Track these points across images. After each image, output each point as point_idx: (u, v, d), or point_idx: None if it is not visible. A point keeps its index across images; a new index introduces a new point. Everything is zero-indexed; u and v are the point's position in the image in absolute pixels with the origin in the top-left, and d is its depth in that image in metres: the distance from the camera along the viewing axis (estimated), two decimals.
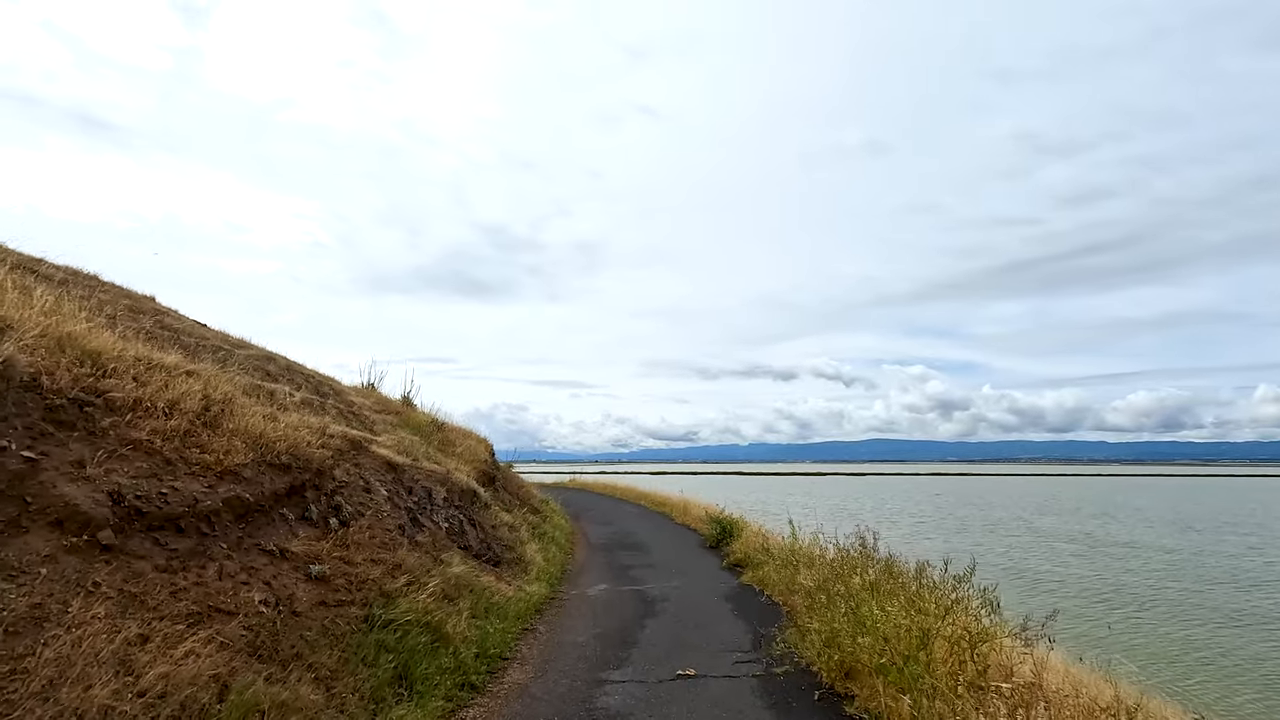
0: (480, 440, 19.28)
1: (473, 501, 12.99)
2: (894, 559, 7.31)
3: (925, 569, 6.65)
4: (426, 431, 16.34)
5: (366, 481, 9.07)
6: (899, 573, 6.86)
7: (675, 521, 20.28)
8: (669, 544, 15.71)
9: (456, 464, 14.75)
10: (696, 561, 13.23)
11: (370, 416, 14.88)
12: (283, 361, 13.37)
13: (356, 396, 16.59)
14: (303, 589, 5.84)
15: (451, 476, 12.81)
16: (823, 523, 11.32)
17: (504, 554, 11.89)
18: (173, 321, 11.10)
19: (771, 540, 13.12)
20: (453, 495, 11.91)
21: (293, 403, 10.24)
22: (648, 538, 16.83)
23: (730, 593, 10.03)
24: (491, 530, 12.58)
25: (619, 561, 13.41)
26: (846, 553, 8.15)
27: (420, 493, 10.82)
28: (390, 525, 8.33)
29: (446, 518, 10.91)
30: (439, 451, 15.21)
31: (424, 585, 7.21)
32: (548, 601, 9.98)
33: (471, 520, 11.92)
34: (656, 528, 19.01)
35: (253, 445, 6.61)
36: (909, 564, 7.14)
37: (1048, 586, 21.22)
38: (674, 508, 22.61)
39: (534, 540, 14.00)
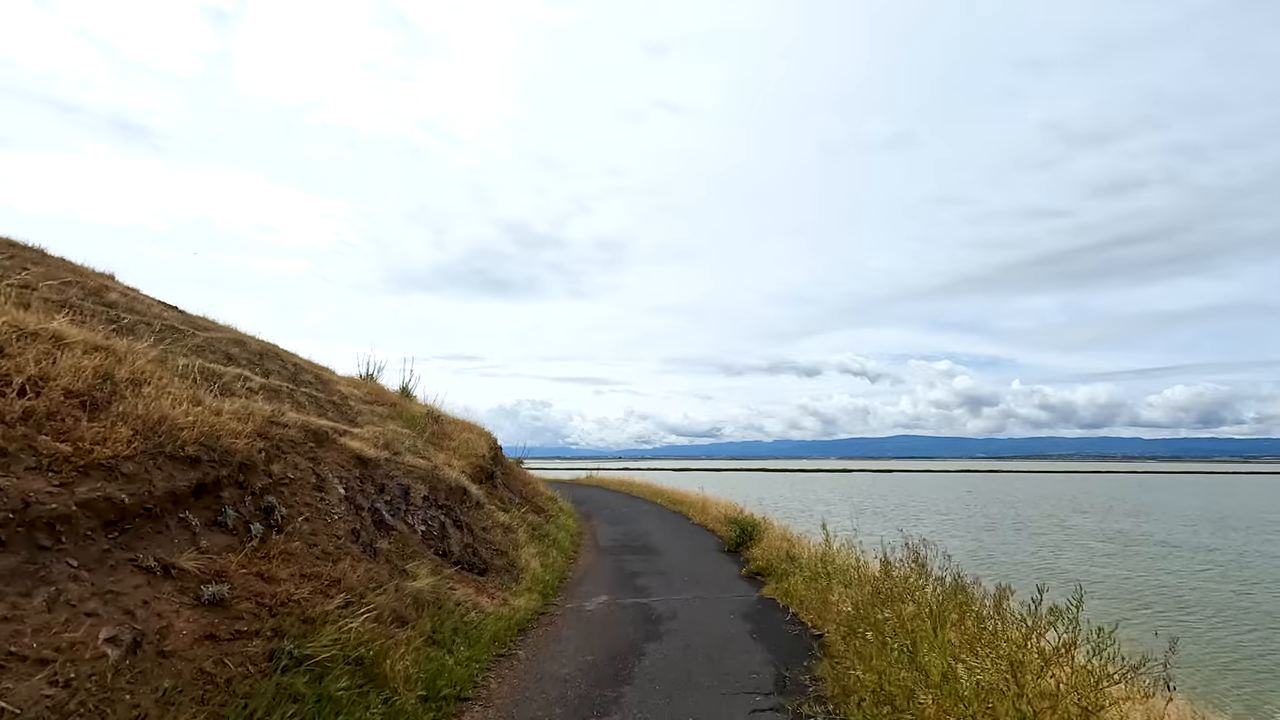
0: (482, 434, 17.98)
1: (462, 500, 11.65)
2: (961, 578, 5.75)
3: (1006, 595, 5.09)
4: (421, 424, 15.09)
5: (321, 478, 7.74)
6: (970, 598, 5.31)
7: (692, 522, 18.80)
8: (683, 547, 14.25)
9: (449, 459, 13.45)
10: (712, 568, 11.75)
11: (357, 407, 13.64)
12: (255, 346, 12.14)
13: (348, 387, 15.39)
14: (186, 618, 4.48)
15: (439, 473, 11.49)
16: (855, 524, 9.96)
17: (493, 560, 10.52)
18: (122, 299, 9.90)
19: (797, 545, 11.60)
20: (436, 494, 10.58)
21: (247, 388, 8.97)
22: (661, 540, 15.38)
23: (749, 609, 8.54)
24: (481, 533, 11.23)
25: (626, 568, 11.98)
26: (893, 567, 6.60)
27: (395, 491, 9.49)
28: (340, 530, 6.98)
29: (425, 519, 9.57)
30: (431, 445, 13.92)
31: (367, 605, 5.84)
32: (536, 618, 8.58)
33: (457, 522, 10.57)
34: (672, 529, 17.55)
35: (147, 433, 5.29)
36: (980, 584, 5.59)
37: (1070, 583, 20.51)
38: (691, 507, 21.13)
39: (532, 543, 12.64)
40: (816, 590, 7.76)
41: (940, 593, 5.53)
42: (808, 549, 10.85)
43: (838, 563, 8.19)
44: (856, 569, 7.58)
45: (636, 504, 24.34)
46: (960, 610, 5.00)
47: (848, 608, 6.20)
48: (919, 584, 5.91)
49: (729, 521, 14.44)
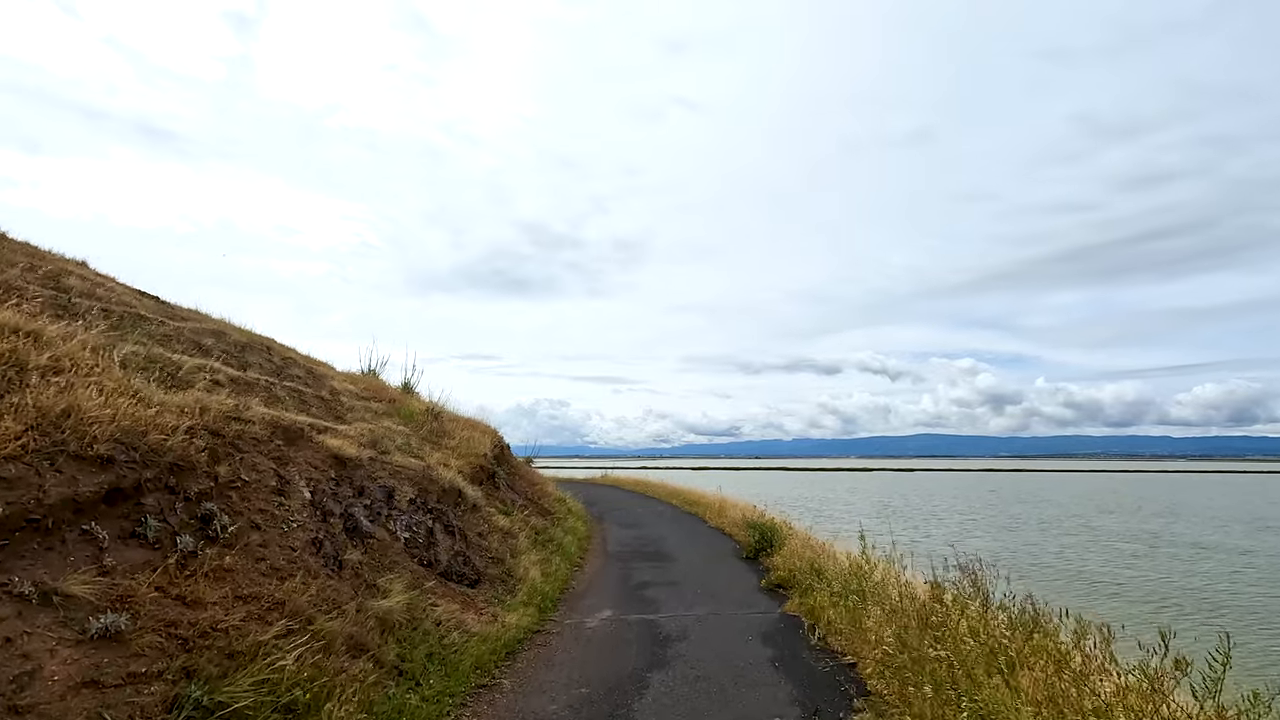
0: (486, 431, 17.11)
1: (456, 504, 10.76)
2: (1034, 607, 4.68)
3: (1086, 629, 4.03)
4: (419, 421, 14.24)
5: (285, 480, 6.86)
6: (1042, 630, 4.26)
7: (708, 525, 17.78)
8: (698, 553, 13.24)
9: (446, 458, 12.57)
10: (729, 579, 10.74)
11: (350, 404, 12.81)
12: (238, 337, 11.34)
13: (344, 383, 14.60)
14: (63, 659, 3.59)
15: (431, 473, 10.61)
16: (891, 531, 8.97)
17: (487, 569, 9.61)
18: (81, 285, 9.11)
19: (823, 554, 10.55)
20: (426, 496, 9.69)
21: (211, 380, 8.13)
22: (674, 545, 14.39)
23: (770, 630, 7.52)
24: (476, 539, 10.32)
25: (635, 577, 11.02)
26: (944, 590, 5.55)
27: (376, 494, 8.61)
28: (298, 540, 6.08)
29: (410, 525, 8.67)
30: (428, 444, 13.06)
31: (314, 632, 4.93)
32: (529, 637, 7.63)
33: (449, 527, 9.67)
34: (686, 532, 16.55)
35: (47, 428, 4.43)
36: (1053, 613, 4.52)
37: (1108, 590, 19.82)
38: (708, 508, 20.11)
39: (534, 549, 11.72)
40: (847, 610, 6.73)
41: (1006, 623, 4.49)
42: (835, 559, 9.80)
43: (874, 579, 7.14)
44: (897, 587, 6.53)
45: (651, 505, 23.37)
46: (1035, 650, 3.96)
47: (888, 639, 5.17)
48: (977, 613, 4.87)
49: (747, 526, 13.41)
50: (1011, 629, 4.33)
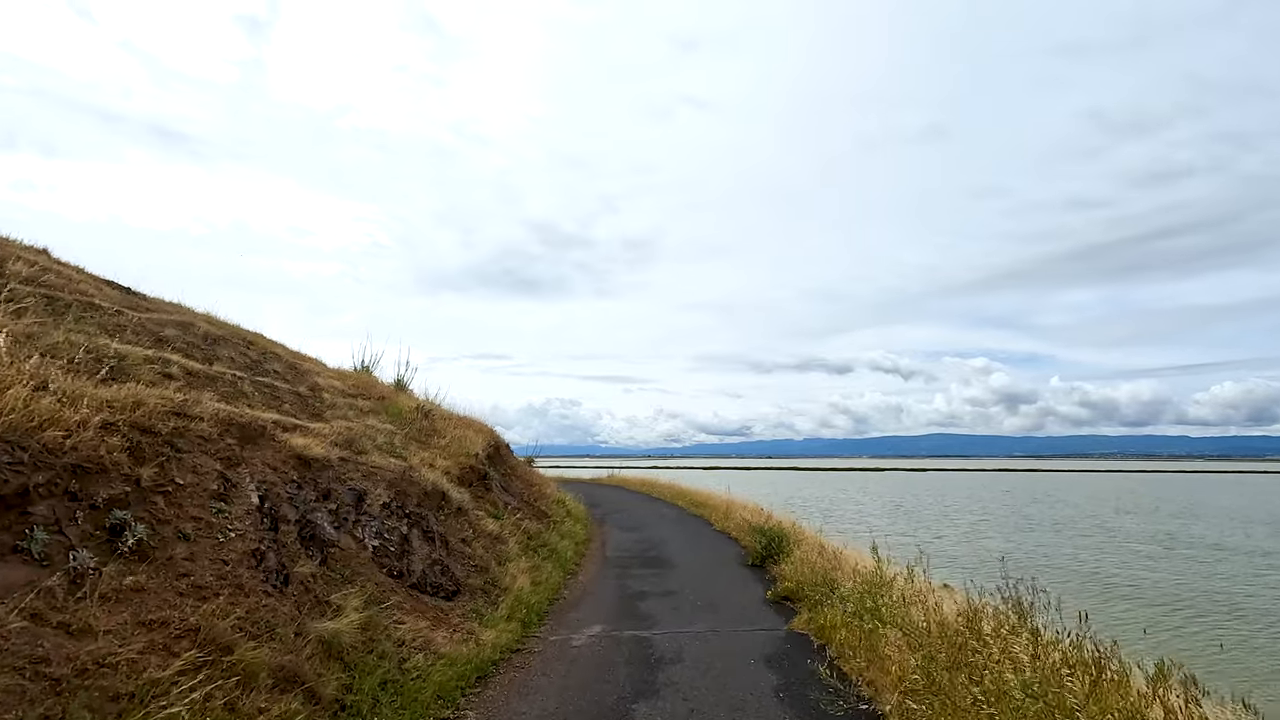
0: (482, 430, 16.40)
1: (439, 507, 10.02)
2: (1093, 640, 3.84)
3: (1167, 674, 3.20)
4: (408, 419, 13.53)
5: (231, 483, 6.13)
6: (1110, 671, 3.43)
7: (714, 528, 16.96)
8: (700, 560, 12.43)
9: (433, 458, 11.85)
10: (732, 588, 9.93)
11: (333, 401, 12.11)
12: (206, 330, 10.65)
13: (332, 379, 13.93)
14: None
15: (412, 475, 9.88)
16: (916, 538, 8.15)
17: (468, 579, 8.85)
18: (28, 270, 8.42)
19: (837, 561, 9.73)
20: (403, 500, 8.95)
21: (162, 373, 7.42)
22: (677, 549, 13.60)
23: (776, 651, 6.71)
24: (459, 546, 9.57)
25: (632, 586, 10.24)
26: (981, 616, 4.71)
27: (344, 497, 7.88)
28: (235, 552, 5.34)
29: (381, 531, 7.93)
30: (415, 443, 12.34)
31: (232, 664, 4.18)
32: (507, 658, 6.87)
33: (427, 533, 8.93)
34: (691, 536, 15.75)
35: None
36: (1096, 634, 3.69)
37: (1122, 592, 19.65)
38: (714, 510, 19.28)
39: (525, 556, 10.96)
40: (864, 632, 5.91)
41: (1061, 660, 3.66)
42: (850, 568, 8.98)
43: (894, 592, 6.31)
44: (922, 606, 5.70)
45: (656, 506, 22.58)
46: (1103, 702, 3.14)
47: (912, 671, 4.35)
48: (1025, 646, 4.04)
49: (754, 531, 12.58)
50: (1070, 667, 3.52)
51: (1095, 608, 19.71)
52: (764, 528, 12.27)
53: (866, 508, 49.35)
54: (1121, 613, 18.48)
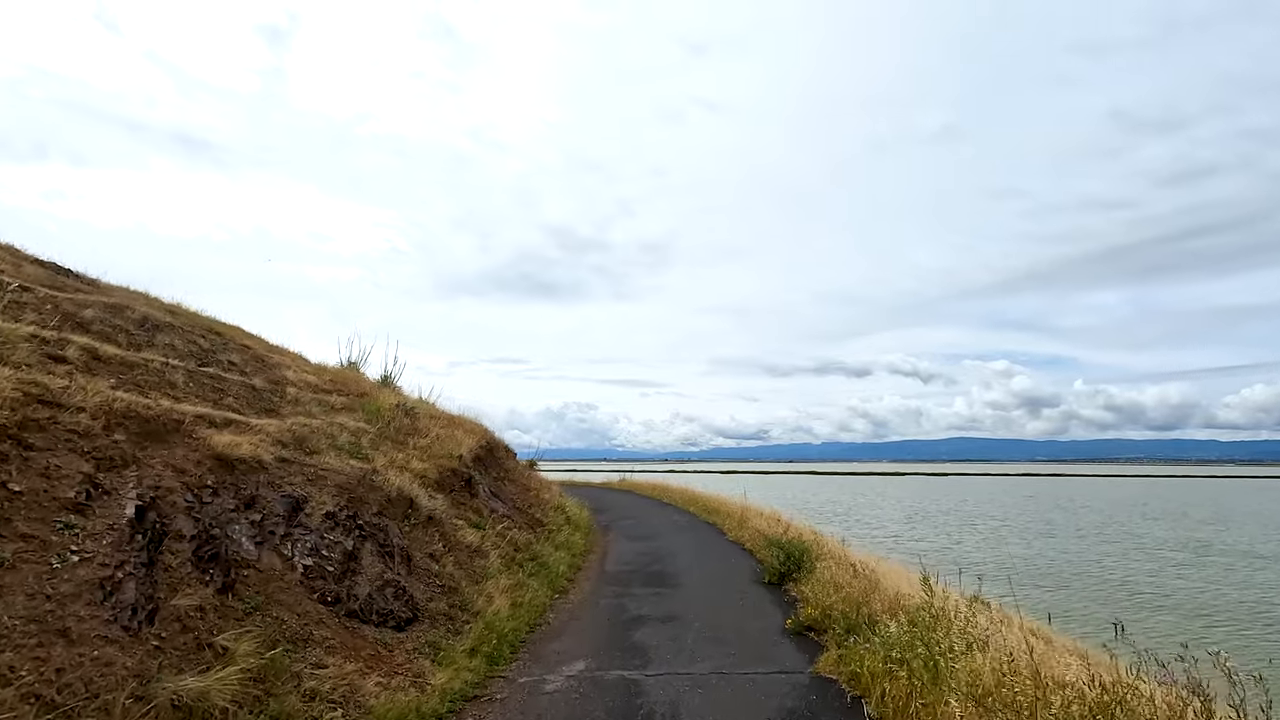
0: (473, 430, 15.07)
1: (405, 516, 8.67)
2: None
3: None
4: (388, 417, 12.23)
5: (98, 489, 4.81)
6: None
7: (727, 538, 15.47)
8: (710, 576, 10.97)
9: (408, 459, 10.52)
10: (745, 613, 8.47)
11: (297, 395, 10.84)
12: (148, 315, 9.41)
13: (305, 374, 12.70)
14: None
15: (374, 479, 8.54)
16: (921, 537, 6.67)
17: (431, 603, 7.47)
18: None
19: (867, 578, 8.23)
20: (358, 508, 7.61)
21: (46, 353, 6.14)
22: (684, 563, 12.14)
23: (799, 706, 5.23)
24: (425, 562, 8.20)
25: (629, 609, 8.82)
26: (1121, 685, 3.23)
27: (275, 507, 6.54)
28: (75, 581, 4.00)
29: (320, 546, 6.59)
30: (390, 442, 11.03)
31: None
32: (457, 711, 5.47)
33: (385, 547, 7.57)
34: (701, 546, 14.28)
35: None
36: None
37: (1151, 601, 18.94)
38: (728, 517, 17.79)
39: (507, 572, 9.58)
40: (919, 686, 4.43)
41: None
42: (889, 594, 7.49)
43: (953, 632, 4.82)
44: (995, 656, 4.21)
45: (666, 513, 21.11)
46: None
47: None
48: None
49: (771, 544, 11.09)
50: None
51: (1130, 619, 18.08)
52: (782, 540, 10.78)
53: (885, 513, 48.10)
54: (1155, 624, 17.38)
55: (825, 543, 12.43)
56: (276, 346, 14.64)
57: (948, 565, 25.52)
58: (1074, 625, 17.95)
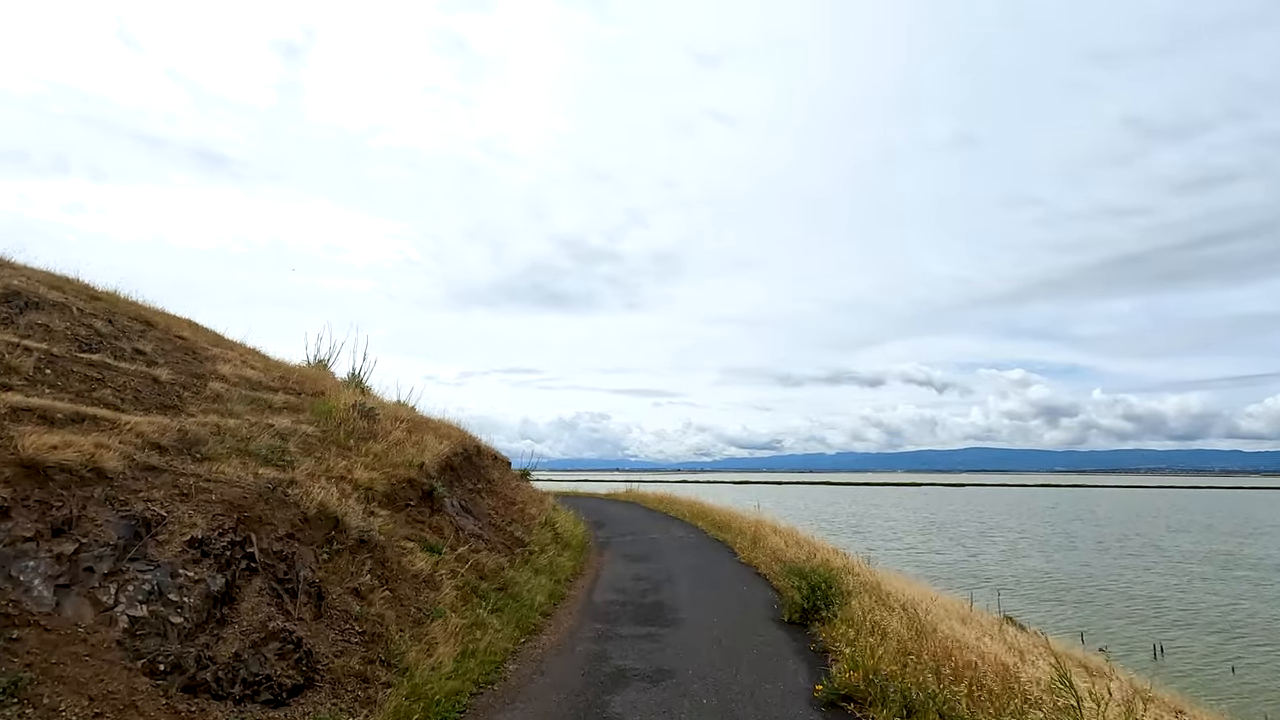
0: (448, 435, 13.23)
1: (328, 540, 6.82)
2: None
3: None
4: (340, 418, 10.45)
5: None
6: None
7: (739, 558, 13.49)
8: (718, 610, 9.02)
9: (350, 468, 8.69)
10: (760, 671, 6.52)
11: (220, 391, 9.10)
12: (23, 289, 7.67)
13: (252, 370, 11.00)
14: None
15: (286, 493, 6.72)
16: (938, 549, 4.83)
17: (337, 659, 5.59)
18: None
19: (926, 629, 6.29)
20: (252, 531, 5.77)
21: None
22: (688, 592, 10.21)
23: None
24: (345, 601, 6.34)
25: (612, 659, 6.90)
26: None
27: (105, 533, 4.71)
28: None
29: (164, 588, 4.75)
30: (336, 447, 9.24)
31: None
32: None
33: (284, 583, 5.73)
34: (708, 570, 12.32)
35: None
36: None
37: (1182, 618, 18.13)
38: (740, 534, 15.82)
39: (464, 608, 7.70)
40: None
41: None
42: (945, 637, 5.54)
43: None
44: None
45: (671, 529, 19.13)
46: None
47: None
48: None
49: (791, 572, 9.13)
50: None
51: (1162, 638, 16.08)
52: (805, 568, 8.82)
53: (900, 524, 46.72)
54: (1190, 643, 16.19)
55: (855, 567, 10.47)
56: (229, 341, 13.01)
57: (965, 578, 23.38)
58: (1104, 644, 15.85)
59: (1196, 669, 15.01)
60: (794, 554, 12.45)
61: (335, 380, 13.64)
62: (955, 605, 12.86)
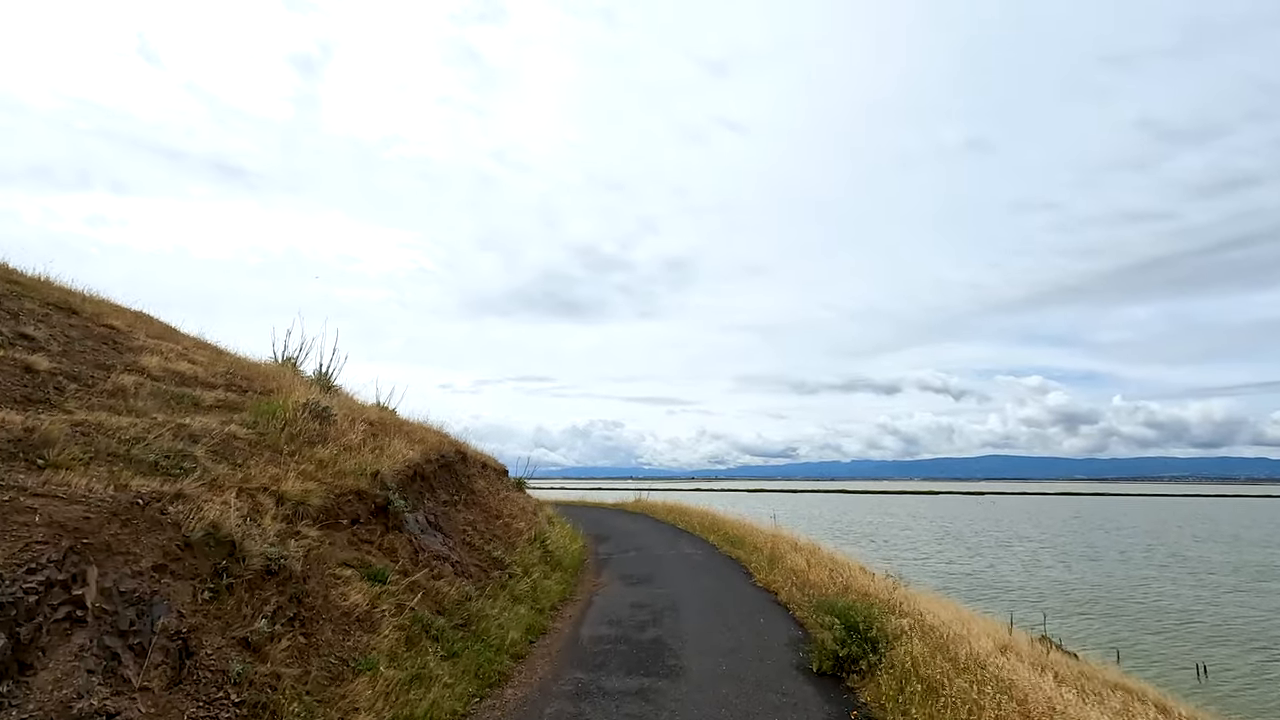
0: (420, 440, 11.63)
1: (217, 572, 5.22)
2: None
3: None
4: (286, 419, 8.91)
5: None
6: None
7: (754, 581, 11.76)
8: (730, 653, 7.31)
9: (278, 476, 7.10)
10: None
11: (127, 384, 7.56)
12: None
13: (193, 365, 9.55)
14: None
15: (162, 510, 5.13)
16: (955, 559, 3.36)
17: None
18: None
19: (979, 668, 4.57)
20: (97, 565, 4.17)
21: None
22: (694, 626, 8.51)
23: None
24: (226, 655, 4.73)
25: None
26: None
27: None
28: None
29: None
30: (271, 451, 7.68)
31: None
32: None
33: (125, 635, 4.13)
34: (719, 596, 10.61)
35: None
36: None
37: (1215, 634, 17.18)
38: (756, 550, 14.09)
39: (405, 654, 6.08)
40: None
41: None
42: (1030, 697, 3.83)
43: None
44: None
45: (680, 544, 17.40)
46: None
47: None
48: None
49: (822, 607, 7.40)
50: None
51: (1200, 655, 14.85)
52: (838, 603, 7.08)
53: (916, 534, 45.34)
54: (1231, 661, 15.20)
55: (896, 596, 8.72)
56: (181, 335, 11.69)
57: (985, 590, 21.50)
58: (1141, 664, 14.49)
59: (1242, 690, 13.81)
60: (819, 577, 10.72)
61: (300, 378, 12.14)
62: (989, 626, 11.26)
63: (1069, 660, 12.78)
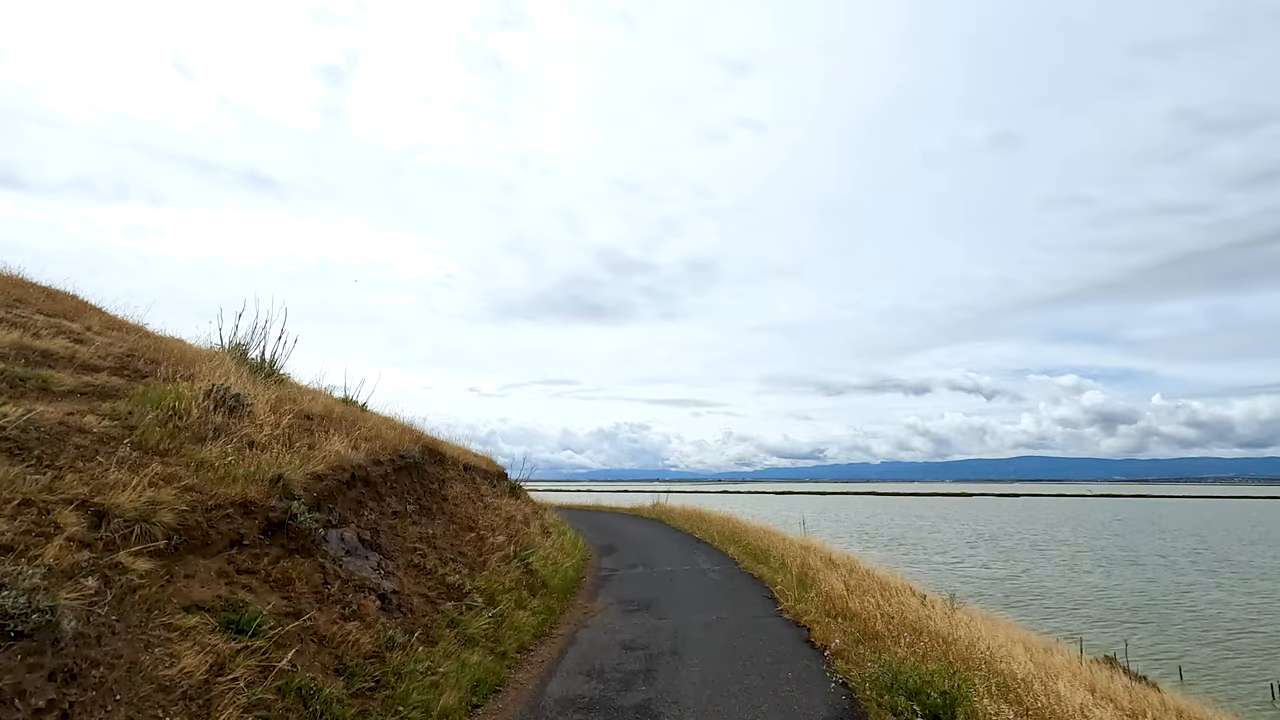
0: (373, 437, 9.61)
1: None
2: None
3: None
4: (178, 409, 6.96)
5: None
6: None
7: (781, 611, 9.50)
8: None
9: (120, 482, 5.09)
10: None
11: None
12: None
13: (43, 340, 7.70)
14: None
15: None
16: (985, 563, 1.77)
17: None
18: None
19: None
20: None
21: None
22: (697, 686, 6.33)
23: None
24: None
25: None
26: None
27: None
28: None
29: None
30: (135, 450, 5.69)
31: None
32: None
33: None
34: (736, 634, 8.39)
35: None
36: None
37: (1263, 645, 16.08)
38: (783, 568, 11.84)
39: None
40: None
41: None
42: None
43: None
44: None
45: (696, 557, 15.18)
46: None
47: None
48: None
49: (882, 677, 5.16)
50: None
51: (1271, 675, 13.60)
52: (909, 678, 4.83)
53: (947, 537, 43.25)
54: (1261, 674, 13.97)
55: (979, 648, 6.44)
56: (94, 309, 10.01)
57: (1018, 595, 19.11)
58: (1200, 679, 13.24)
59: None
60: (862, 606, 8.47)
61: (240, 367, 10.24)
62: (1066, 657, 9.19)
63: (1150, 692, 10.51)
